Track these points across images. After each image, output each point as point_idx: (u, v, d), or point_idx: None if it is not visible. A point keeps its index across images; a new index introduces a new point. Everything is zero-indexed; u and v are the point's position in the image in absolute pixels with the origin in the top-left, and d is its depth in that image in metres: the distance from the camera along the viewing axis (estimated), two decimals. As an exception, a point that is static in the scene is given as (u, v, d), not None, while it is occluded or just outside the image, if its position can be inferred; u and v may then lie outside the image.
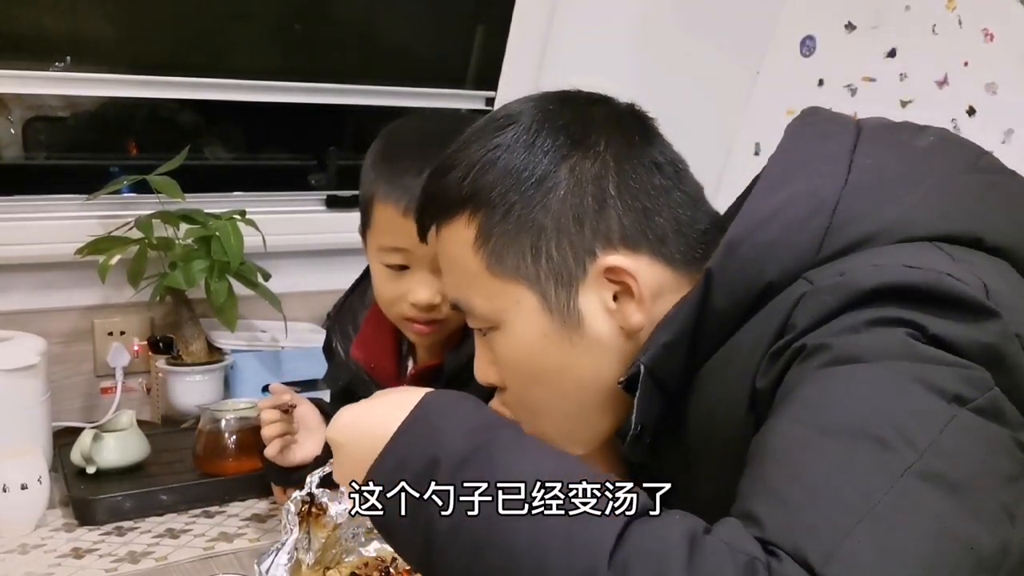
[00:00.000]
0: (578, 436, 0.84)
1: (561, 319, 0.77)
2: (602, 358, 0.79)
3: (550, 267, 0.77)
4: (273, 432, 1.13)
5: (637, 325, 0.77)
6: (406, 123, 1.16)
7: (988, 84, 1.75)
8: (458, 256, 0.81)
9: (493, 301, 0.79)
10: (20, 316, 1.60)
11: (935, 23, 1.83)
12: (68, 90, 1.78)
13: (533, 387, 0.81)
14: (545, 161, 0.77)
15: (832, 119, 0.82)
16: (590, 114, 0.80)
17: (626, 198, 0.77)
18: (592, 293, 0.77)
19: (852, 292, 0.65)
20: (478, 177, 0.78)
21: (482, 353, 0.85)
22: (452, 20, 2.12)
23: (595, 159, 0.77)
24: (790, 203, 0.72)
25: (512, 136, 0.78)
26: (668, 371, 0.76)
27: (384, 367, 1.19)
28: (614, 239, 0.77)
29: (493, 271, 0.79)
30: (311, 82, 1.92)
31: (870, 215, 0.71)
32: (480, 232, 0.79)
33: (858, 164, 0.74)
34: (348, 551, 0.98)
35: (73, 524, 1.23)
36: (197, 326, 1.66)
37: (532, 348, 0.79)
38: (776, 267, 0.71)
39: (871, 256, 0.69)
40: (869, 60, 1.95)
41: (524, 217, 0.77)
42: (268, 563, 0.90)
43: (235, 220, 1.63)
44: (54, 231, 1.65)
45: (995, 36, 1.75)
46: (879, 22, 1.94)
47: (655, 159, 0.80)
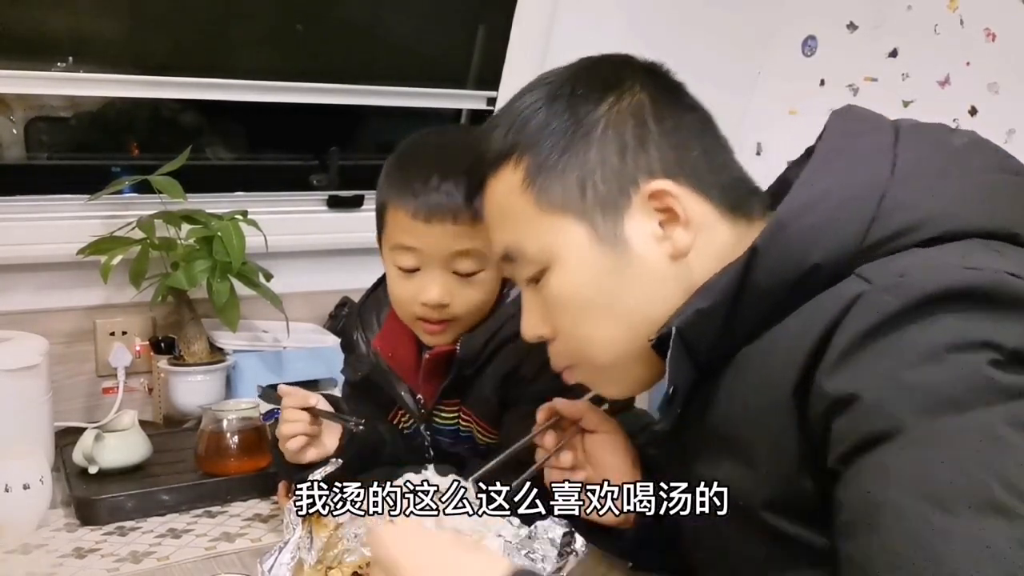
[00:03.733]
0: (623, 378, 0.87)
1: (610, 247, 0.81)
2: (651, 287, 0.81)
3: (596, 198, 0.80)
4: (295, 431, 1.13)
5: (684, 247, 0.80)
6: (422, 136, 1.20)
7: (990, 84, 1.75)
8: (507, 203, 0.85)
9: (543, 238, 0.83)
10: (22, 316, 1.61)
11: (937, 23, 1.83)
12: (70, 90, 1.79)
13: (584, 324, 0.84)
14: (586, 103, 0.81)
15: (870, 117, 0.84)
16: (622, 65, 0.85)
17: (664, 132, 0.81)
18: (638, 221, 0.81)
19: (915, 295, 0.66)
20: (521, 127, 0.83)
21: (531, 307, 0.88)
22: (453, 20, 2.12)
23: (632, 96, 0.82)
24: (840, 188, 0.74)
25: (551, 89, 0.83)
26: (700, 339, 0.78)
27: (403, 358, 1.22)
28: (655, 169, 0.80)
29: (542, 207, 0.82)
30: (313, 82, 1.92)
31: (914, 205, 0.73)
32: (527, 173, 0.82)
33: (902, 156, 0.75)
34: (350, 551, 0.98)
35: (75, 524, 1.23)
36: (199, 326, 1.66)
37: (584, 280, 0.82)
38: (822, 250, 0.72)
39: (924, 256, 0.70)
40: (871, 60, 1.95)
41: (568, 153, 0.81)
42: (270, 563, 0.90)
43: (237, 220, 1.63)
44: (56, 231, 1.65)
45: (997, 36, 1.75)
46: (881, 22, 1.95)
47: (686, 102, 0.85)
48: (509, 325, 1.15)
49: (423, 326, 1.16)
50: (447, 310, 1.13)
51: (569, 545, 0.91)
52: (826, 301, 0.71)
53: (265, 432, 1.35)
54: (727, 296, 0.76)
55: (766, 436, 0.75)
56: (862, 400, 0.65)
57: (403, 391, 1.23)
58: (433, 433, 1.25)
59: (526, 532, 0.92)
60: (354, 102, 1.99)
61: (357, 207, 1.97)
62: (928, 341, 0.64)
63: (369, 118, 2.15)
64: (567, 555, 0.91)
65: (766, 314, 0.76)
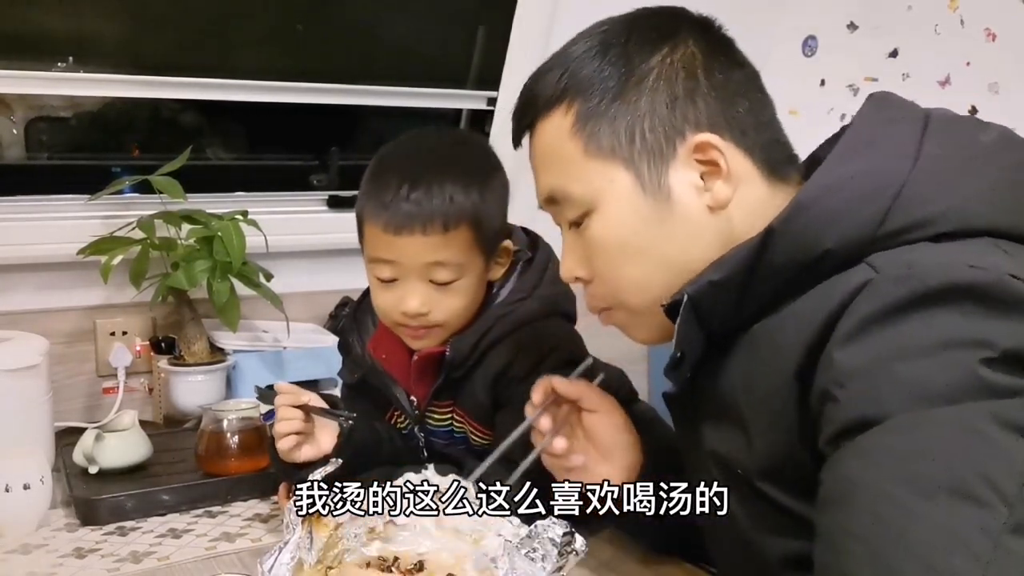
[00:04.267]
0: (654, 324, 0.88)
1: (653, 195, 0.83)
2: (690, 236, 0.83)
3: (643, 146, 0.82)
4: (289, 429, 1.13)
5: (724, 200, 0.82)
6: (397, 143, 1.19)
7: (990, 84, 1.75)
8: (554, 145, 0.86)
9: (590, 183, 0.85)
10: (22, 316, 1.61)
11: (937, 23, 1.83)
12: (70, 90, 1.79)
13: (622, 268, 0.86)
14: (640, 53, 0.83)
15: (904, 105, 0.85)
16: (676, 17, 0.87)
17: (713, 86, 0.83)
18: (682, 171, 0.83)
19: (919, 288, 0.67)
20: (575, 72, 0.85)
21: (572, 249, 0.90)
22: (454, 20, 2.12)
23: (684, 51, 0.83)
24: (860, 176, 0.76)
25: (605, 37, 0.85)
26: (712, 310, 0.81)
27: (396, 360, 1.23)
28: (702, 122, 0.82)
29: (590, 152, 0.84)
30: (313, 82, 1.92)
31: (931, 200, 0.74)
32: (578, 118, 0.84)
33: (926, 151, 0.76)
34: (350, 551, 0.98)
35: (75, 524, 1.23)
36: (199, 326, 1.66)
37: (625, 225, 0.84)
38: (836, 235, 0.74)
39: (934, 251, 0.72)
40: (871, 60, 1.95)
41: (619, 101, 0.83)
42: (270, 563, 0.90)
43: (237, 220, 1.63)
44: (56, 231, 1.66)
45: (997, 36, 1.75)
46: (881, 22, 1.95)
47: (736, 58, 0.87)
48: (499, 326, 1.16)
49: (406, 332, 1.17)
50: (427, 318, 1.13)
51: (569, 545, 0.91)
52: (836, 286, 0.72)
53: (265, 432, 1.34)
54: (740, 271, 0.79)
55: (768, 410, 0.77)
56: (854, 385, 0.68)
57: (398, 393, 1.23)
58: (427, 434, 1.25)
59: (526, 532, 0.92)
60: (354, 102, 1.99)
61: (357, 207, 1.97)
62: (924, 335, 0.66)
63: (369, 118, 2.15)
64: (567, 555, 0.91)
65: (777, 292, 0.78)
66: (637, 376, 1.26)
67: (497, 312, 1.17)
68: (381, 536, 1.00)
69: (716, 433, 0.86)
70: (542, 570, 0.90)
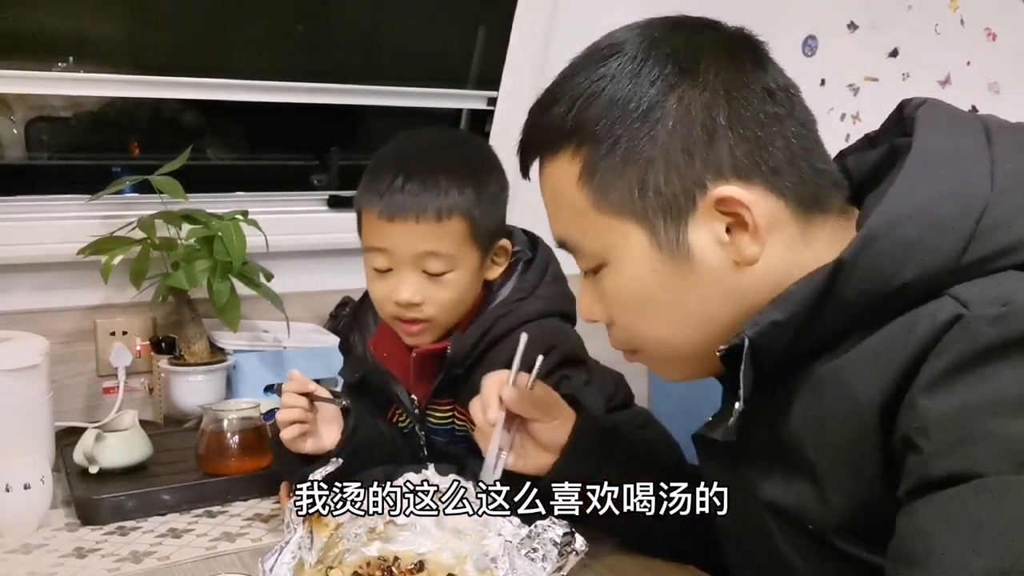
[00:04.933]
0: (683, 368, 0.84)
1: (671, 254, 0.76)
2: (713, 293, 0.77)
3: (659, 201, 0.75)
4: (292, 416, 1.13)
5: (752, 257, 0.75)
6: (396, 141, 1.22)
7: (991, 83, 1.75)
8: (563, 193, 0.80)
9: (601, 238, 0.79)
10: (22, 316, 1.61)
11: (937, 23, 1.83)
12: (71, 90, 1.79)
13: (642, 322, 0.81)
14: (652, 91, 0.74)
15: (959, 113, 0.79)
16: (698, 41, 0.77)
17: (738, 127, 0.74)
18: (703, 226, 0.75)
19: (1016, 331, 0.62)
20: (582, 110, 0.76)
21: (589, 291, 0.85)
22: (454, 20, 2.12)
23: (704, 87, 0.74)
24: (937, 201, 0.69)
25: (617, 66, 0.76)
26: (770, 348, 0.74)
27: (397, 358, 1.23)
28: (725, 170, 0.74)
29: (600, 208, 0.77)
30: (313, 82, 1.92)
31: (1015, 224, 0.68)
32: (585, 167, 0.77)
33: (1000, 167, 0.71)
34: (350, 551, 0.99)
35: (76, 524, 1.23)
36: (199, 326, 1.66)
37: (641, 284, 0.78)
38: (915, 268, 0.68)
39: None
40: (871, 60, 1.95)
41: (631, 150, 0.75)
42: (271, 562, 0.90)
43: (237, 220, 1.63)
44: (56, 231, 1.66)
45: (997, 35, 1.75)
46: (881, 22, 1.95)
47: (767, 85, 0.76)
48: (500, 324, 1.16)
49: (401, 326, 1.18)
50: (420, 310, 1.15)
51: (569, 545, 0.91)
52: (918, 322, 0.67)
53: (266, 432, 1.35)
54: (806, 308, 0.72)
55: (846, 461, 0.71)
56: (941, 436, 0.63)
57: (399, 391, 1.24)
58: (428, 432, 1.25)
59: (526, 532, 0.92)
60: (354, 102, 1.99)
61: (357, 207, 1.97)
62: (1022, 386, 0.61)
63: (369, 118, 2.15)
64: (567, 554, 0.91)
65: (842, 328, 0.73)
66: (637, 378, 1.26)
67: (498, 311, 1.18)
68: (382, 536, 1.00)
69: (775, 484, 0.79)
70: (542, 570, 0.90)
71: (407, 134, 1.23)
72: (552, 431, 0.98)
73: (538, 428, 0.98)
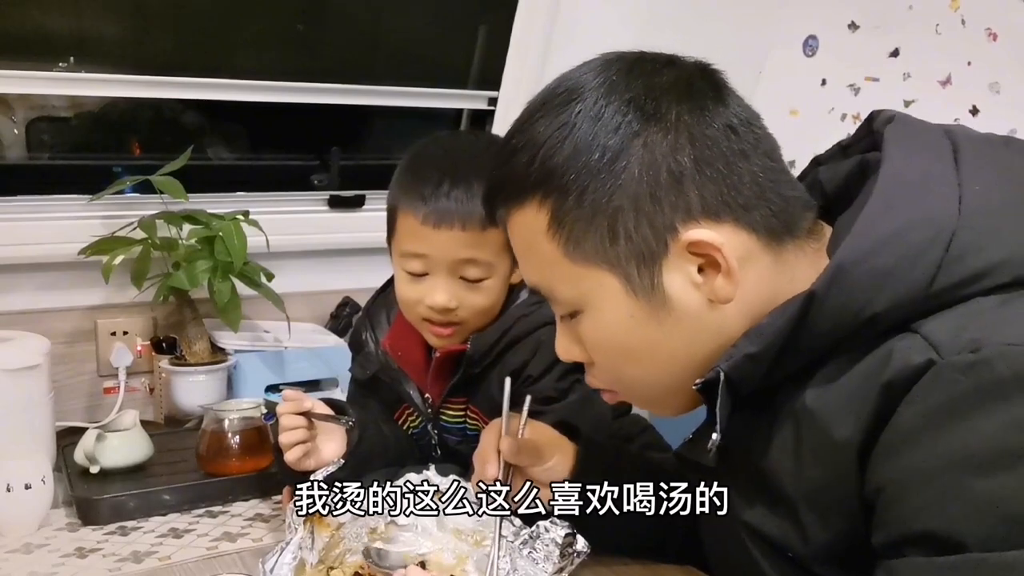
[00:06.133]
0: (669, 404, 0.84)
1: (646, 299, 0.76)
2: (692, 333, 0.77)
3: (630, 248, 0.75)
4: (293, 439, 1.14)
5: (726, 297, 0.75)
6: (432, 140, 1.20)
7: (991, 83, 1.75)
8: (533, 243, 0.79)
9: (575, 287, 0.78)
10: (23, 316, 1.61)
11: (938, 22, 1.83)
12: (72, 90, 1.79)
13: (623, 365, 0.81)
14: (615, 139, 0.74)
15: (924, 129, 0.79)
16: (658, 83, 0.76)
17: (704, 169, 0.74)
18: (676, 270, 0.75)
19: (988, 379, 0.62)
20: (546, 160, 0.76)
21: (565, 333, 0.84)
22: (455, 20, 2.12)
23: (667, 131, 0.74)
24: (906, 231, 0.69)
25: (578, 112, 0.75)
26: (746, 379, 0.75)
27: (412, 357, 1.24)
28: (694, 212, 0.74)
29: (571, 257, 0.77)
30: (314, 82, 1.92)
31: (983, 249, 0.68)
32: (553, 218, 0.76)
33: (968, 190, 0.70)
34: (351, 551, 0.99)
35: (76, 524, 1.23)
36: (200, 326, 1.66)
37: (619, 329, 0.78)
38: (886, 299, 0.68)
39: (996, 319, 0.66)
40: (872, 60, 1.95)
41: (598, 200, 0.74)
42: (272, 562, 0.90)
43: (238, 220, 1.63)
44: (57, 231, 1.66)
45: (998, 35, 1.75)
46: (882, 21, 1.94)
47: (729, 122, 0.76)
48: (519, 325, 1.17)
49: (430, 328, 1.17)
50: (453, 314, 1.15)
51: (571, 546, 0.91)
52: (890, 361, 0.67)
53: (267, 432, 1.35)
54: (780, 340, 0.73)
55: (827, 499, 0.72)
56: (920, 493, 0.64)
57: (411, 389, 1.24)
58: (441, 431, 1.25)
59: (527, 532, 0.92)
60: (355, 102, 1.99)
61: (358, 207, 1.97)
62: (998, 440, 0.61)
63: (370, 118, 2.15)
64: (569, 556, 0.92)
65: (816, 357, 0.73)
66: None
67: (518, 312, 1.18)
68: (382, 536, 1.00)
69: (755, 511, 0.80)
70: (543, 571, 0.90)
71: (442, 134, 1.23)
72: (547, 473, 0.97)
73: (535, 472, 0.98)
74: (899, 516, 0.65)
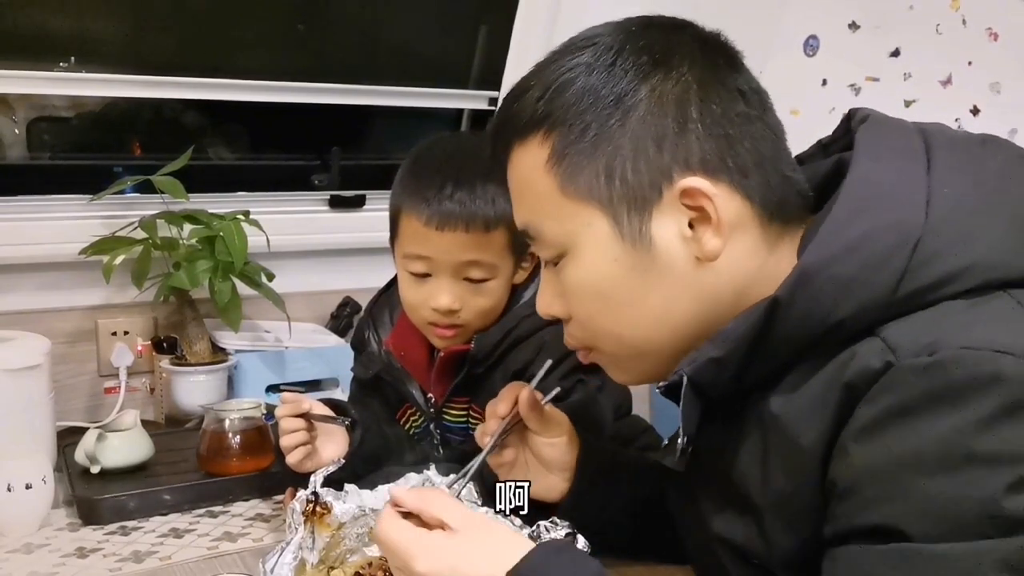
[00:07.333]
0: (634, 369, 0.83)
1: (632, 244, 0.75)
2: (674, 289, 0.76)
3: (624, 189, 0.75)
4: (294, 441, 1.14)
5: (713, 252, 0.74)
6: (435, 142, 1.21)
7: (992, 83, 1.75)
8: (530, 178, 0.79)
9: (564, 224, 0.78)
10: (24, 316, 1.61)
11: (939, 22, 1.83)
12: (72, 90, 1.79)
13: (600, 316, 0.80)
14: (625, 80, 0.74)
15: (898, 130, 0.78)
16: (674, 37, 0.77)
17: (708, 122, 0.74)
18: (667, 218, 0.75)
19: (942, 381, 0.63)
20: (555, 96, 0.76)
21: (548, 285, 0.84)
22: (455, 20, 2.12)
23: (677, 80, 0.74)
24: (871, 236, 0.69)
25: (592, 56, 0.76)
26: (712, 383, 0.75)
27: (415, 357, 1.24)
28: (693, 163, 0.74)
29: (566, 191, 0.77)
30: (314, 82, 1.92)
31: (951, 254, 0.68)
32: (554, 151, 0.76)
33: (937, 193, 0.70)
34: (352, 551, 0.99)
35: (77, 523, 1.23)
36: (201, 326, 1.66)
37: (602, 274, 0.77)
38: (851, 304, 0.68)
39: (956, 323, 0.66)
40: (873, 60, 1.95)
41: (600, 136, 0.74)
42: (273, 562, 0.90)
43: (239, 220, 1.63)
44: (58, 231, 1.66)
45: (999, 35, 1.75)
46: (882, 21, 1.94)
47: (740, 87, 0.77)
48: (523, 325, 1.17)
49: (433, 330, 1.18)
50: (456, 315, 1.15)
51: (571, 545, 0.91)
52: (851, 365, 0.67)
53: (267, 432, 1.35)
54: (744, 345, 0.73)
55: (788, 503, 0.72)
56: (868, 488, 0.64)
57: (414, 389, 1.24)
58: (443, 431, 1.26)
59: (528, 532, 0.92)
60: (356, 102, 1.99)
61: (359, 207, 1.97)
62: (946, 443, 0.62)
63: (371, 118, 2.15)
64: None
65: (783, 362, 0.73)
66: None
67: (521, 312, 1.18)
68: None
69: (723, 518, 0.80)
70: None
71: (445, 135, 1.23)
72: (553, 447, 0.98)
73: (540, 443, 0.98)
74: (847, 511, 0.66)
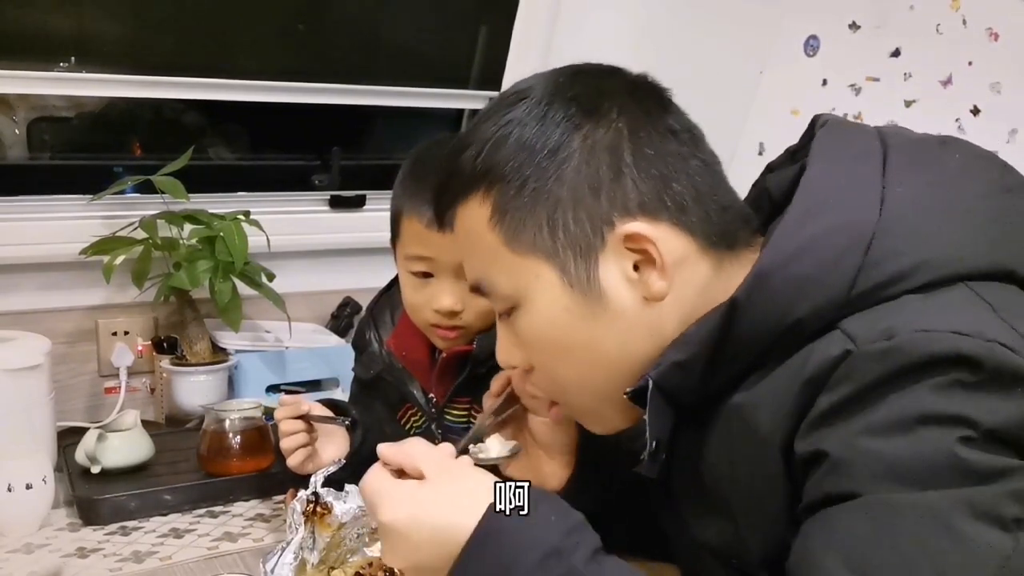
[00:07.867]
0: (607, 416, 0.83)
1: (582, 292, 0.76)
2: (627, 331, 0.77)
3: (567, 239, 0.76)
4: (294, 443, 1.14)
5: (660, 293, 0.76)
6: (435, 142, 1.20)
7: (992, 84, 1.75)
8: (476, 235, 0.80)
9: (513, 278, 0.79)
10: (24, 316, 1.61)
11: (939, 22, 1.83)
12: (72, 90, 1.79)
13: (560, 364, 0.81)
14: (557, 132, 0.76)
15: (856, 133, 0.79)
16: (602, 85, 0.79)
17: (642, 165, 0.76)
18: (612, 263, 0.76)
19: (899, 362, 0.63)
20: (491, 153, 0.78)
21: (505, 336, 0.85)
22: (455, 20, 2.12)
23: (608, 127, 0.76)
24: (825, 236, 0.70)
25: (524, 110, 0.78)
26: (680, 388, 0.76)
27: (416, 357, 1.24)
28: (632, 207, 0.75)
29: (511, 246, 0.78)
30: (314, 82, 1.92)
31: (904, 251, 0.69)
32: (495, 208, 0.78)
33: (891, 192, 0.71)
34: (352, 551, 0.99)
35: (77, 524, 1.23)
36: (201, 326, 1.66)
37: (555, 324, 0.78)
38: (807, 304, 0.69)
39: (914, 312, 0.67)
40: (873, 60, 1.95)
41: (539, 190, 0.76)
42: (273, 562, 0.90)
43: (239, 220, 1.63)
44: (58, 231, 1.66)
45: (999, 36, 1.75)
46: (883, 21, 1.94)
47: (670, 126, 0.78)
48: None
49: (435, 332, 1.18)
50: (459, 317, 1.15)
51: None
52: (811, 358, 0.68)
53: (268, 432, 1.35)
54: (705, 349, 0.74)
55: (759, 502, 0.73)
56: (829, 460, 0.65)
57: (415, 389, 1.24)
58: (445, 431, 1.26)
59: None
60: (356, 102, 1.99)
61: (359, 207, 1.97)
62: (901, 410, 0.63)
63: (371, 118, 2.15)
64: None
65: (746, 364, 0.74)
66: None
67: None
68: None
69: (701, 523, 0.81)
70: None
71: (445, 136, 1.22)
72: (552, 429, 0.98)
73: (539, 424, 0.98)
74: (810, 487, 0.67)
